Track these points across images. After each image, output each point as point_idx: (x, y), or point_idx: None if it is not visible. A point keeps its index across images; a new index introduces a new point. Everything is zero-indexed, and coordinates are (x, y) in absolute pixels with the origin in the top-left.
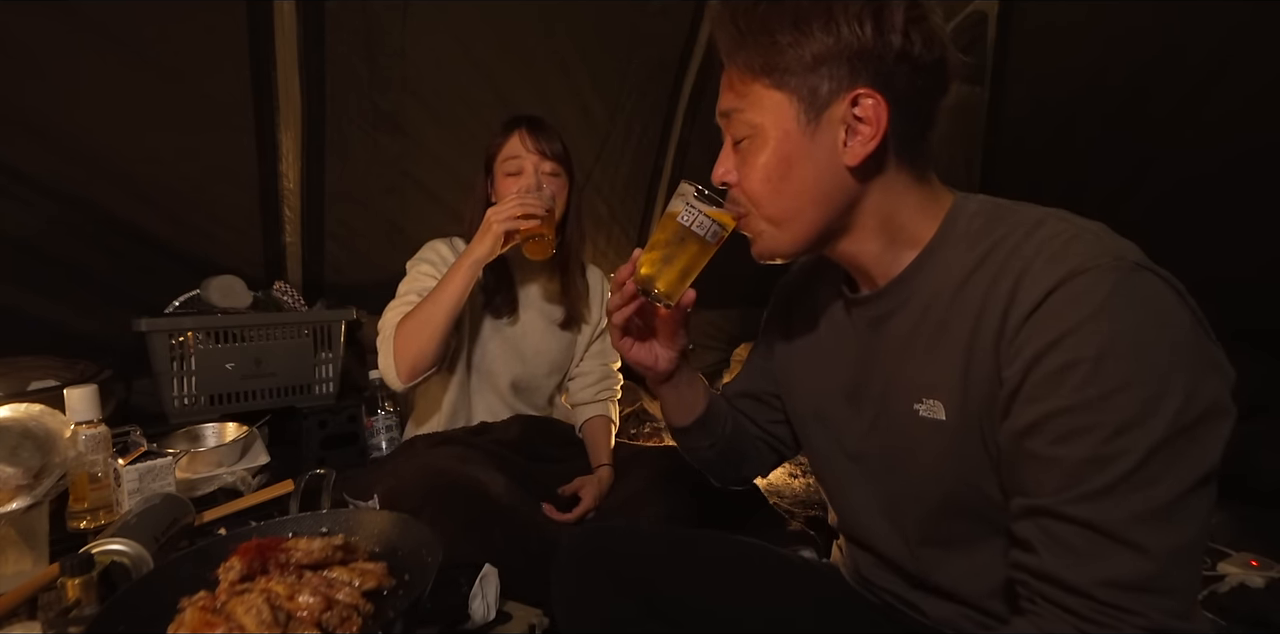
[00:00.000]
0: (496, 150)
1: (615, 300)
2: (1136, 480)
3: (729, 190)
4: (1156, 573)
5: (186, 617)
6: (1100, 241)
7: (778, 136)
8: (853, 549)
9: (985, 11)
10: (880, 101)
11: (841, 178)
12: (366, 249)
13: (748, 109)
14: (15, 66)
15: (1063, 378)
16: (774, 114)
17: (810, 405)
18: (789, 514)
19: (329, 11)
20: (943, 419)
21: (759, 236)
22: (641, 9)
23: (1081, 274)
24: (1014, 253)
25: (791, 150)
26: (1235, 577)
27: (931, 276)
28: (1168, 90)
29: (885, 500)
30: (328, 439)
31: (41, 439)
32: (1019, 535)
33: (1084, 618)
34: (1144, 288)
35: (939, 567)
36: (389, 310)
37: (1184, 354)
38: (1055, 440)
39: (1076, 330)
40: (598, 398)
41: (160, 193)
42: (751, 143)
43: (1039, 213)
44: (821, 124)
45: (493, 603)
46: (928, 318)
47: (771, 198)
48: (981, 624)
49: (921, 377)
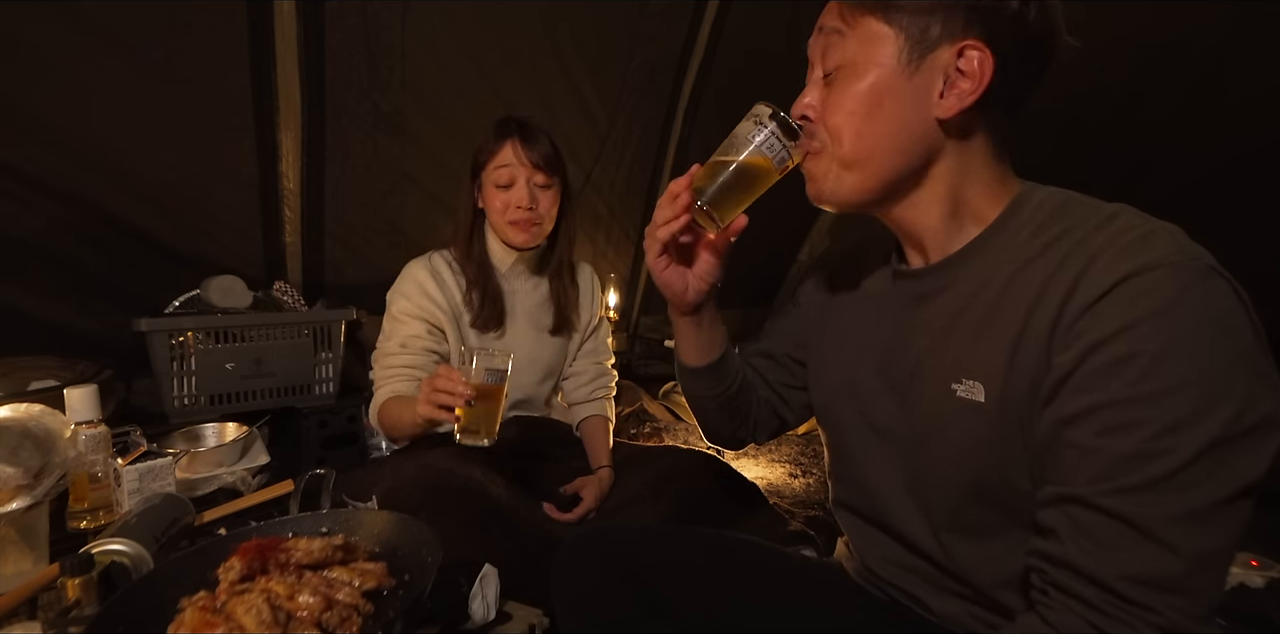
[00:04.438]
0: (487, 158)
1: (665, 212)
2: (1179, 480)
3: (805, 125)
4: (1182, 574)
5: (186, 617)
6: (1176, 240)
7: (875, 70)
8: (865, 535)
9: None
10: (988, 57)
11: (928, 128)
12: (366, 249)
13: (850, 38)
14: (15, 67)
15: (1120, 369)
16: (877, 47)
17: (841, 376)
18: (789, 514)
19: (329, 11)
20: (981, 401)
21: (824, 177)
22: (641, 9)
23: (1155, 269)
24: (1083, 242)
25: (886, 87)
26: (1235, 577)
27: (989, 258)
28: (1168, 90)
29: (910, 480)
30: (328, 439)
31: (41, 439)
32: (1044, 523)
33: (1097, 610)
34: (1215, 292)
35: (958, 552)
36: (376, 362)
37: (1245, 364)
38: (1102, 431)
39: (1141, 324)
40: (593, 397)
41: (160, 193)
42: (845, 73)
43: (1113, 206)
44: (923, 67)
45: (493, 603)
46: (979, 299)
47: (852, 134)
48: (988, 623)
49: (964, 357)
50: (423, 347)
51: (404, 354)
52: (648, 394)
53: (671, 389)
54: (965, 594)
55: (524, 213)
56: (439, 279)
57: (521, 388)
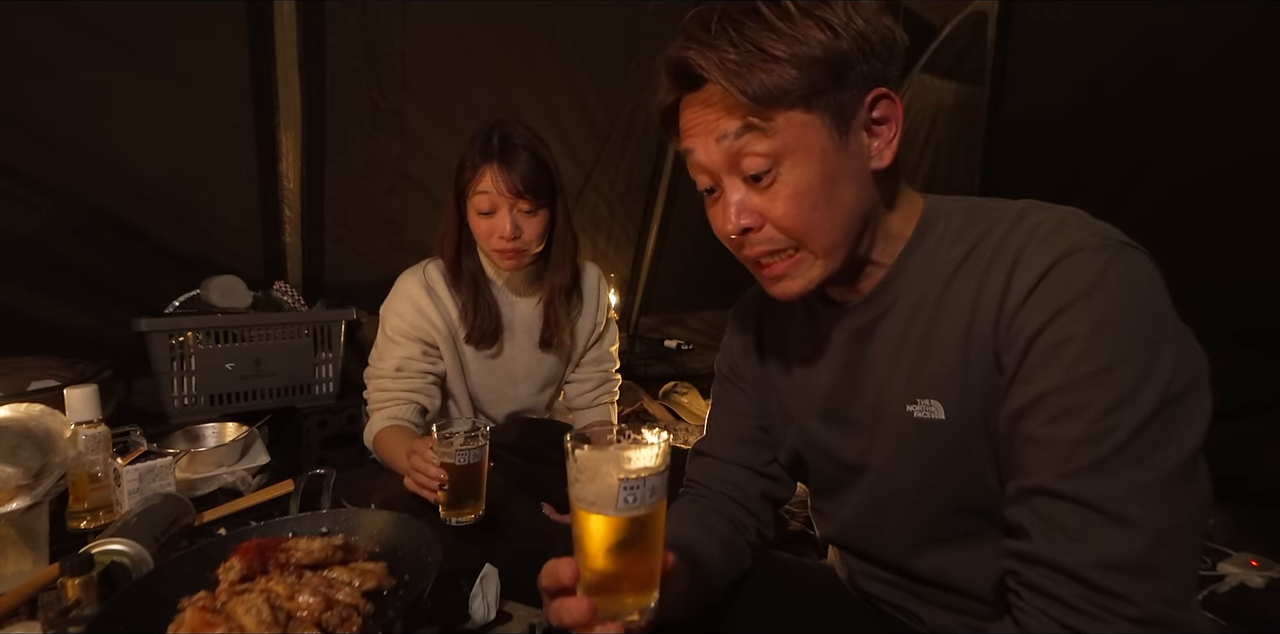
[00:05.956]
0: (469, 179)
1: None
2: (1128, 455)
3: (751, 234)
4: (1147, 548)
5: (186, 617)
6: (1087, 224)
7: (818, 156)
8: (849, 559)
9: (985, 11)
10: (894, 98)
11: (870, 185)
12: (366, 249)
13: (776, 134)
14: (15, 67)
15: (1056, 355)
16: (809, 134)
17: (799, 427)
18: (789, 514)
19: (329, 11)
20: (942, 418)
21: (794, 275)
22: (641, 9)
23: (1074, 254)
24: (1003, 244)
25: (834, 169)
26: (1235, 577)
27: (917, 276)
28: (1168, 91)
29: (891, 507)
30: (328, 439)
31: (41, 439)
32: (1012, 521)
33: (1072, 608)
34: (1133, 265)
35: (943, 564)
36: (369, 381)
37: (1169, 328)
38: (1049, 420)
39: (1069, 307)
40: (596, 403)
41: (160, 193)
42: (785, 170)
43: (1018, 205)
44: (851, 134)
45: (493, 603)
46: (917, 318)
47: (821, 225)
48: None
49: (915, 378)
50: (417, 369)
51: (400, 378)
52: (648, 394)
53: (672, 389)
54: (956, 606)
55: (507, 242)
56: (433, 295)
57: (520, 399)
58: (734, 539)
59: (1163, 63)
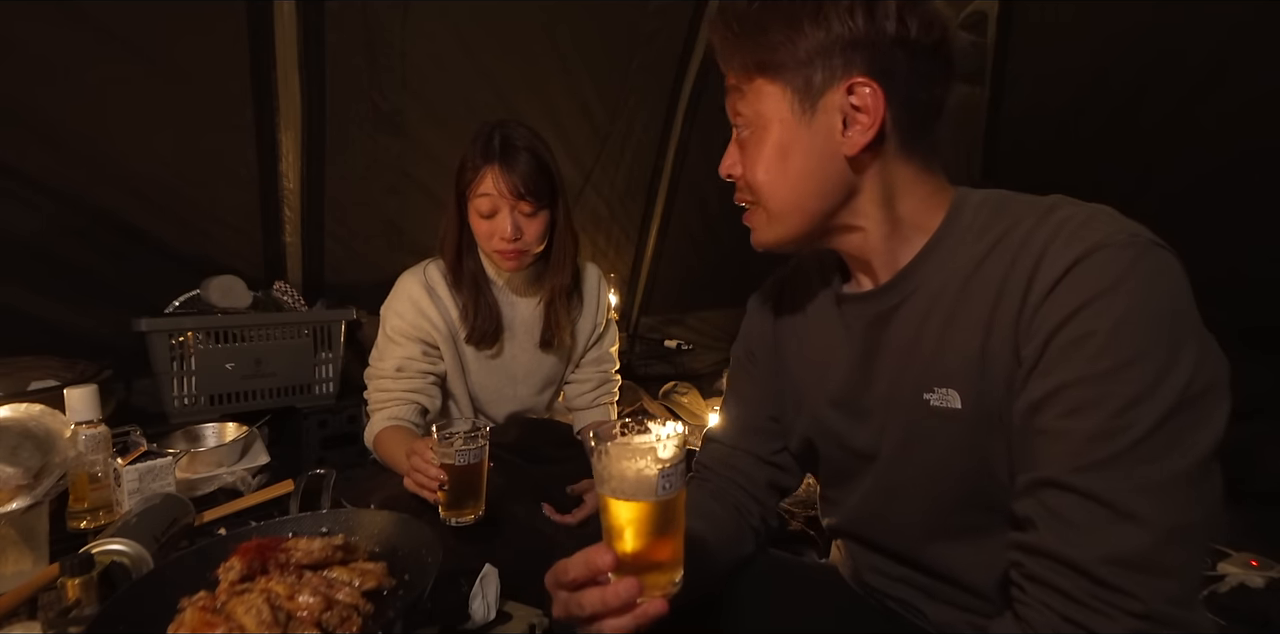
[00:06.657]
0: (470, 180)
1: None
2: (1142, 452)
3: (735, 180)
4: (1155, 545)
5: (186, 617)
6: (1115, 221)
7: (775, 126)
8: (856, 551)
9: (985, 11)
10: (877, 90)
11: (840, 167)
12: (366, 249)
13: (748, 97)
14: (16, 67)
15: (1077, 349)
16: (770, 103)
17: (812, 415)
18: (789, 514)
19: (329, 11)
20: (958, 408)
21: (759, 228)
22: (641, 9)
23: (1100, 250)
24: (1030, 237)
25: (790, 140)
26: (1235, 577)
27: (940, 267)
28: (1168, 90)
29: (900, 496)
30: (328, 439)
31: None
32: (1020, 513)
33: (1075, 601)
34: (1159, 264)
35: (949, 558)
36: (369, 381)
37: (1192, 328)
38: (1065, 413)
39: (1093, 302)
40: (596, 403)
41: (160, 193)
42: (752, 134)
43: (1048, 199)
44: (819, 112)
45: (493, 603)
46: (937, 307)
47: (773, 188)
48: (984, 630)
49: (933, 367)
50: (418, 369)
51: (400, 378)
52: (648, 394)
53: (672, 389)
54: (960, 602)
55: (508, 244)
56: (434, 295)
57: (520, 400)
58: (734, 524)
59: (1163, 62)
